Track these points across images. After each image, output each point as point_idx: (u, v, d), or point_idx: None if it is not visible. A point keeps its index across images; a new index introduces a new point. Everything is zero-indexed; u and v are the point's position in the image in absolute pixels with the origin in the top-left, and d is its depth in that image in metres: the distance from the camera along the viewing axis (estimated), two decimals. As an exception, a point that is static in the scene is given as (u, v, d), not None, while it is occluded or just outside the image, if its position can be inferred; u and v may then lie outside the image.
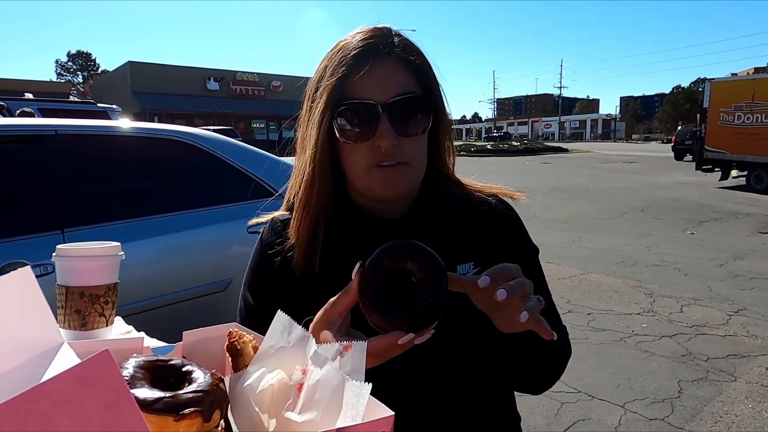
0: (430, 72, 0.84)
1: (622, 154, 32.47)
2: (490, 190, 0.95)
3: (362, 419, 0.44)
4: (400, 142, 0.79)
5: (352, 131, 0.79)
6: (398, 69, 0.80)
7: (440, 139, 0.89)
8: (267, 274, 0.88)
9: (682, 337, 4.09)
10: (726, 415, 3.00)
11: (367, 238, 0.85)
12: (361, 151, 0.80)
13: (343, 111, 0.78)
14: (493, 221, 0.91)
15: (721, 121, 14.00)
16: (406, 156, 0.80)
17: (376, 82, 0.78)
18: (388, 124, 0.77)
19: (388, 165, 0.79)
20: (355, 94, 0.78)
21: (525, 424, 2.85)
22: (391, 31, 0.83)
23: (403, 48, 0.81)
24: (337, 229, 0.85)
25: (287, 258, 0.86)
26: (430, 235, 0.86)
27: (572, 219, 9.33)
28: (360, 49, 0.79)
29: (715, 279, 5.63)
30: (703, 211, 10.23)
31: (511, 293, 0.60)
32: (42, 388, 0.32)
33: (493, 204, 0.92)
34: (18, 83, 33.27)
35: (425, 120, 0.82)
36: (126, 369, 0.50)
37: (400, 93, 0.79)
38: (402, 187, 0.82)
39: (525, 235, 0.95)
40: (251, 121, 38.93)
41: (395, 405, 0.46)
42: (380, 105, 0.77)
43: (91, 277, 0.80)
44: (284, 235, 0.88)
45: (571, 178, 16.84)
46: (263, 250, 0.90)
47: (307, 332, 0.56)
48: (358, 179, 0.83)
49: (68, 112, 7.96)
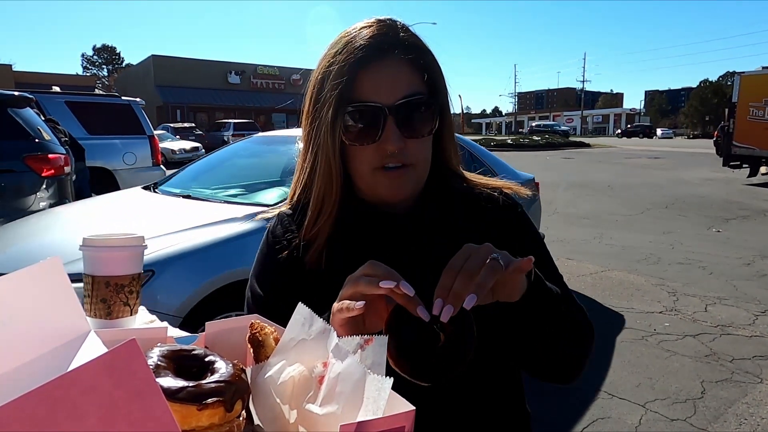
0: (436, 70, 0.83)
1: (646, 149, 31.83)
2: (495, 185, 0.95)
3: (383, 413, 0.44)
4: (406, 144, 0.78)
5: (357, 133, 0.79)
6: (404, 69, 0.79)
7: (445, 135, 0.88)
8: (274, 268, 0.89)
9: (706, 337, 4.01)
10: (751, 417, 2.93)
11: (374, 233, 0.85)
12: (367, 152, 0.79)
13: (349, 113, 0.78)
14: (498, 215, 0.91)
15: (751, 116, 13.60)
16: (412, 158, 0.80)
17: (382, 83, 0.78)
18: (394, 127, 0.77)
19: (393, 167, 0.79)
20: (360, 95, 0.77)
21: (543, 420, 2.84)
22: (398, 26, 0.82)
23: (410, 46, 0.80)
24: (344, 224, 0.85)
25: (294, 252, 0.86)
26: (436, 230, 0.86)
27: (594, 215, 9.18)
28: (365, 47, 0.78)
29: (742, 278, 5.49)
30: (730, 208, 9.97)
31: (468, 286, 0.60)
32: (71, 376, 0.33)
33: (498, 198, 0.93)
34: (46, 77, 34.07)
35: (431, 121, 0.81)
36: (150, 358, 0.51)
37: (406, 95, 0.78)
38: (407, 190, 0.82)
39: (531, 226, 0.95)
40: (271, 114, 39.19)
41: (411, 399, 0.46)
42: (386, 107, 0.77)
43: (116, 266, 0.82)
44: (292, 230, 0.88)
45: (593, 173, 16.57)
46: (271, 244, 0.91)
47: (328, 325, 0.56)
48: (363, 180, 0.83)
49: (94, 104, 8.12)
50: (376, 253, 0.82)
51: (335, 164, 0.81)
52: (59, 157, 4.48)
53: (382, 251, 0.82)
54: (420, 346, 0.61)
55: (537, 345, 0.80)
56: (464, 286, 0.60)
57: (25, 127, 4.41)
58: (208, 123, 33.75)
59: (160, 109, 34.74)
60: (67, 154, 4.70)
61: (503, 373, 0.89)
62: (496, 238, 0.87)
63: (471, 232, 0.87)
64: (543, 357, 0.83)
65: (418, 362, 0.61)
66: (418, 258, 0.82)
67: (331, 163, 0.81)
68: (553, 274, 0.88)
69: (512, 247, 0.79)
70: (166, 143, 19.40)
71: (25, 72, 37.73)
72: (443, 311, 0.59)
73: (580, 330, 0.83)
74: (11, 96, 4.49)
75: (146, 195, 3.76)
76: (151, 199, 3.66)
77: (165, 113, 34.33)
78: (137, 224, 3.02)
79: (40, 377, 0.33)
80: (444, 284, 0.62)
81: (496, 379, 0.88)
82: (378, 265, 0.64)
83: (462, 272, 0.61)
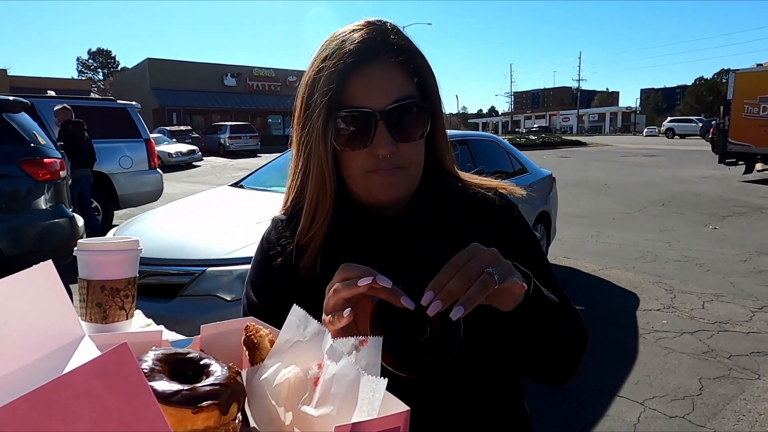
0: (427, 72, 0.83)
1: (642, 147, 31.90)
2: (490, 185, 0.95)
3: (378, 414, 0.44)
4: (398, 147, 0.78)
5: (349, 138, 0.78)
6: (394, 72, 0.79)
7: (438, 136, 0.88)
8: (270, 274, 0.88)
9: (703, 334, 4.02)
10: (749, 413, 2.94)
11: (369, 236, 0.85)
12: (359, 157, 0.79)
13: (341, 118, 0.78)
14: (494, 215, 0.91)
15: (746, 113, 13.65)
16: (404, 161, 0.80)
17: (373, 88, 0.78)
18: (386, 131, 0.77)
19: (386, 169, 0.79)
20: (351, 100, 0.77)
21: (542, 420, 2.84)
22: (388, 28, 0.81)
23: (399, 49, 0.80)
24: (338, 228, 0.85)
25: (289, 258, 0.86)
26: (431, 231, 0.86)
27: (591, 214, 9.20)
28: (354, 52, 0.77)
29: (739, 275, 5.52)
30: (727, 205, 10.01)
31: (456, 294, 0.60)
32: (63, 380, 0.33)
33: (494, 198, 0.92)
34: (41, 81, 34.01)
35: (423, 124, 0.81)
36: (145, 362, 0.51)
37: (397, 99, 0.78)
38: (400, 191, 0.82)
39: (527, 226, 0.95)
40: (268, 116, 39.17)
41: (406, 400, 0.46)
42: (377, 112, 0.77)
43: (111, 270, 0.82)
44: (286, 235, 0.88)
45: (589, 172, 16.60)
46: (266, 250, 0.90)
47: (323, 327, 0.56)
48: (356, 184, 0.83)
49: (89, 108, 8.10)
50: (370, 255, 0.81)
51: (327, 169, 0.81)
52: (55, 161, 4.46)
53: (376, 254, 0.82)
54: (405, 339, 0.61)
55: (531, 350, 0.80)
56: (458, 287, 0.60)
57: (20, 132, 4.39)
58: (204, 126, 33.69)
59: (156, 112, 34.66)
60: (63, 159, 4.68)
61: (501, 373, 0.89)
62: (492, 238, 0.87)
63: (466, 232, 0.87)
64: (536, 361, 0.83)
65: (402, 355, 0.61)
66: (413, 259, 0.82)
67: (324, 168, 0.81)
68: (547, 277, 0.87)
69: (508, 247, 0.79)
70: (162, 146, 19.37)
71: (21, 76, 37.68)
72: (432, 305, 0.59)
73: (575, 334, 0.84)
74: (6, 100, 4.48)
75: (236, 191, 4.30)
76: (241, 195, 4.18)
77: (161, 116, 34.26)
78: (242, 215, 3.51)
79: (34, 382, 0.33)
80: (440, 280, 0.61)
81: (494, 379, 0.88)
82: (351, 267, 0.64)
83: (461, 272, 0.61)
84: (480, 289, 0.60)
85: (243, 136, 26.82)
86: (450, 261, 0.63)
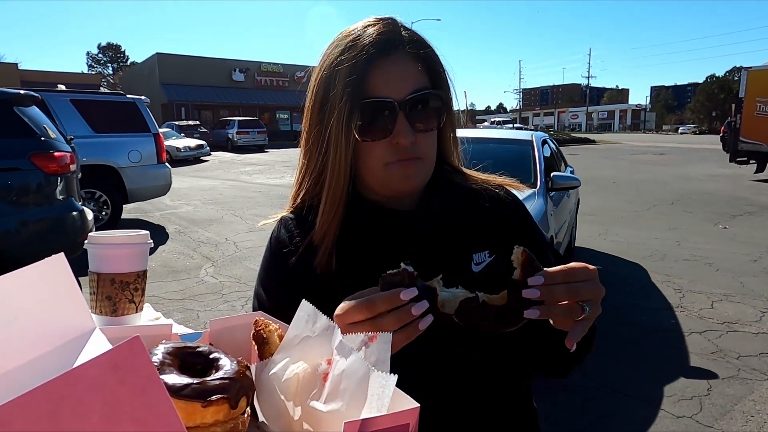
0: (440, 65, 0.85)
1: (652, 145, 31.64)
2: (495, 181, 0.97)
3: (387, 410, 0.44)
4: (417, 138, 0.80)
5: (370, 130, 0.79)
6: (411, 65, 0.81)
7: (446, 131, 0.89)
8: (281, 272, 0.88)
9: (712, 334, 3.99)
10: (758, 414, 2.92)
11: (382, 231, 0.85)
12: (379, 148, 0.80)
13: (362, 109, 0.78)
14: (502, 210, 0.92)
15: (758, 112, 13.48)
16: (422, 151, 0.81)
17: (392, 79, 0.79)
18: (406, 121, 0.78)
19: (405, 159, 0.80)
20: (371, 92, 0.78)
21: (549, 417, 2.83)
22: (399, 24, 0.83)
23: (413, 42, 0.82)
24: (350, 224, 0.85)
25: (302, 256, 0.85)
26: (442, 225, 0.86)
27: (599, 211, 9.14)
28: (374, 44, 0.79)
29: (748, 274, 5.46)
30: (737, 204, 9.90)
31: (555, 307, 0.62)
32: (75, 373, 0.33)
33: (501, 194, 0.94)
34: (51, 75, 34.24)
35: (439, 115, 0.83)
36: (155, 355, 0.51)
37: (415, 90, 0.79)
38: (418, 181, 0.83)
39: (534, 223, 0.97)
40: (275, 111, 39.20)
41: (416, 396, 0.46)
42: (397, 102, 0.78)
43: (121, 264, 0.82)
44: (297, 233, 0.88)
45: (598, 169, 16.48)
46: (277, 249, 0.90)
47: (332, 322, 0.56)
48: (375, 175, 0.83)
49: (99, 102, 8.14)
50: (384, 250, 0.82)
51: (347, 163, 0.81)
52: (65, 155, 4.49)
53: (389, 248, 0.82)
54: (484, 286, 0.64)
55: (555, 354, 0.82)
56: (561, 296, 0.62)
57: (31, 126, 4.43)
58: (212, 120, 33.79)
59: (164, 106, 34.80)
60: (73, 152, 4.71)
61: (511, 370, 0.89)
62: (503, 234, 0.89)
63: (477, 227, 0.88)
64: (548, 360, 0.86)
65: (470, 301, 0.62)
66: (426, 253, 0.83)
67: (343, 161, 0.81)
68: None
69: (516, 242, 0.79)
70: (170, 141, 19.45)
71: (31, 71, 37.92)
72: (530, 290, 0.61)
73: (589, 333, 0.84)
74: (17, 94, 4.51)
75: None
76: None
77: (170, 111, 34.40)
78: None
79: (46, 374, 0.33)
80: (555, 275, 0.63)
81: (503, 376, 0.88)
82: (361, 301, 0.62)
83: (573, 287, 0.63)
84: (566, 314, 0.63)
85: (251, 132, 26.85)
86: (573, 265, 0.65)
